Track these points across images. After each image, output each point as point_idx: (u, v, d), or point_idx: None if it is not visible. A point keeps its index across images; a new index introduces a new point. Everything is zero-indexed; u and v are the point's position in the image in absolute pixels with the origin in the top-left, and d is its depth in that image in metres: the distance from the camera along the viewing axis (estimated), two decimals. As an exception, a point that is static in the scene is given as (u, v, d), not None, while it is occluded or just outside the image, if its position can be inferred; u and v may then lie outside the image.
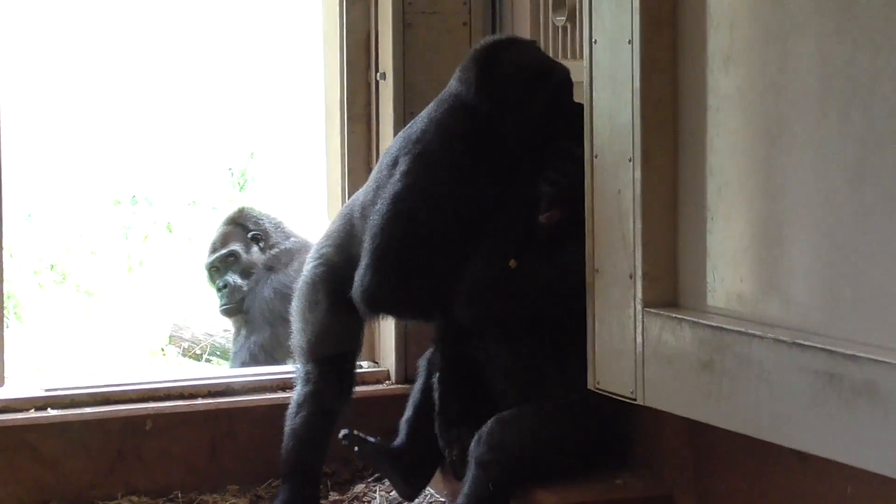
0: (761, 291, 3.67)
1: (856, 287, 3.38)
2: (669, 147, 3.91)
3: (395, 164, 4.37)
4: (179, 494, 4.64)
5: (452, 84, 4.41)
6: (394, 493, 4.62)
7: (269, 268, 6.24)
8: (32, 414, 4.58)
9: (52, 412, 4.61)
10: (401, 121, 4.85)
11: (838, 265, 3.43)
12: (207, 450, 4.68)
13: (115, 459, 4.60)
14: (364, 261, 4.28)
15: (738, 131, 3.74)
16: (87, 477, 4.53)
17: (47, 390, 4.72)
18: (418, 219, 4.26)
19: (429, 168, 4.29)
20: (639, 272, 3.90)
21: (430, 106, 4.44)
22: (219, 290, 6.29)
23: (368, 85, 5.15)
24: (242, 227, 6.34)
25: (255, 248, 6.28)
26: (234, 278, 6.25)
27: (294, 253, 6.20)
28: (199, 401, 4.79)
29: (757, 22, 3.67)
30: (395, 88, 4.96)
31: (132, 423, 4.63)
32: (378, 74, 5.08)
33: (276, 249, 6.29)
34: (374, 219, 4.29)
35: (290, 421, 4.51)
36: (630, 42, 3.92)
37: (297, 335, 4.62)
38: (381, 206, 4.30)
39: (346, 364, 4.57)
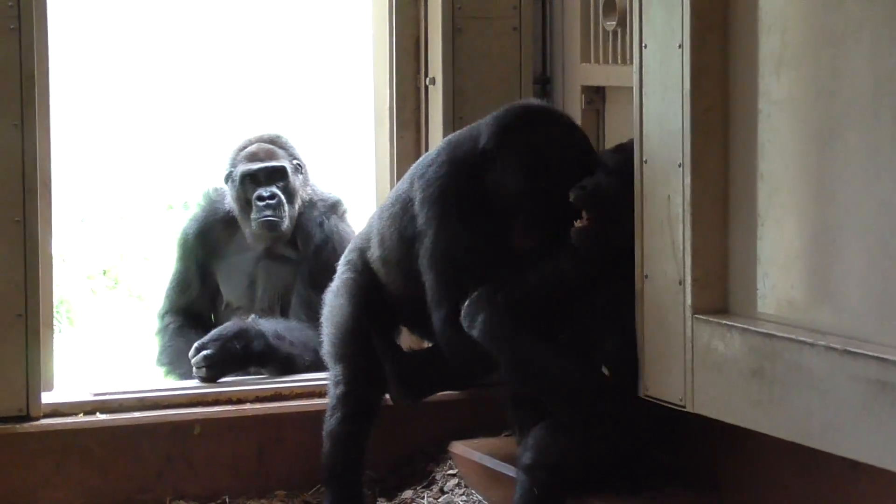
0: (813, 298, 3.67)
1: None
2: (720, 152, 3.91)
3: (411, 181, 4.47)
4: (227, 499, 4.65)
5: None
6: (442, 497, 4.62)
7: (314, 205, 5.55)
8: (81, 418, 4.59)
9: (100, 416, 4.63)
10: (450, 126, 4.87)
11: (891, 271, 3.42)
12: (255, 455, 4.68)
13: (163, 464, 4.61)
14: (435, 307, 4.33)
15: (790, 136, 3.73)
16: (135, 481, 4.55)
17: (96, 395, 4.74)
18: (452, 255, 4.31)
19: (438, 198, 4.35)
20: (688, 278, 3.90)
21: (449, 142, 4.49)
22: (260, 199, 5.38)
23: (418, 90, 5.15)
24: (286, 150, 5.59)
25: (299, 177, 5.55)
26: (281, 196, 5.44)
27: (333, 206, 5.58)
28: (248, 406, 4.81)
29: (809, 26, 3.66)
30: (445, 94, 4.97)
31: (181, 428, 4.64)
32: (427, 79, 5.08)
33: (313, 191, 5.60)
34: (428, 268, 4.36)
35: (326, 425, 4.53)
36: (680, 47, 3.92)
37: (326, 339, 4.63)
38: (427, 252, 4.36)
39: (376, 365, 4.57)
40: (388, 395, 4.62)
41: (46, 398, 4.58)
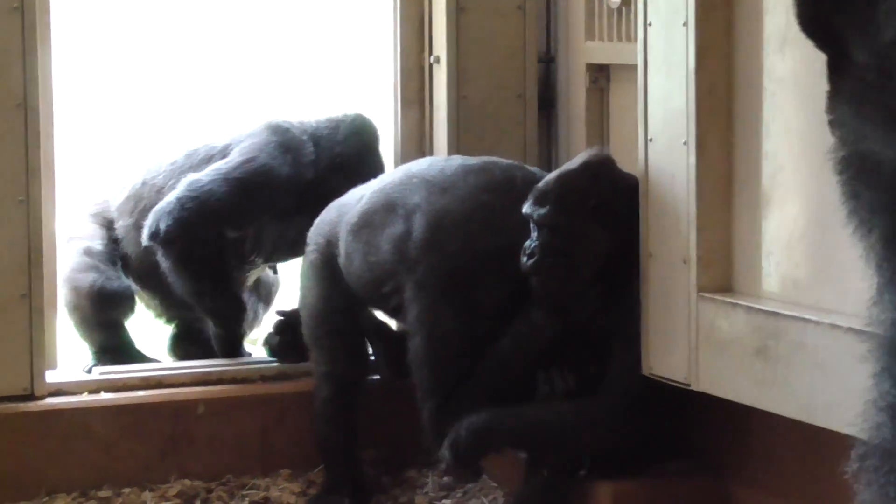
0: (817, 277, 3.67)
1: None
2: (724, 131, 3.91)
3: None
4: (231, 478, 4.67)
5: None
6: (445, 478, 4.65)
7: None
8: (86, 397, 4.62)
9: (104, 395, 4.65)
10: (454, 105, 4.87)
11: None
12: (259, 434, 4.70)
13: (167, 443, 4.62)
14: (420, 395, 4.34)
15: (794, 115, 3.72)
16: (140, 460, 4.57)
17: (101, 373, 4.76)
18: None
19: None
20: (693, 257, 3.90)
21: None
22: None
23: (422, 69, 5.15)
24: None
25: None
26: None
27: None
28: (252, 385, 4.82)
29: None
30: (449, 73, 4.96)
31: (185, 407, 4.66)
32: (432, 58, 5.08)
33: None
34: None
35: (314, 406, 4.55)
36: (685, 24, 3.92)
37: (303, 323, 4.64)
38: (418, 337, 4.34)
39: (353, 342, 4.58)
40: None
41: (50, 377, 4.61)
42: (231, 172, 4.92)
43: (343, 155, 5.06)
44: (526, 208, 4.10)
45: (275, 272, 5.51)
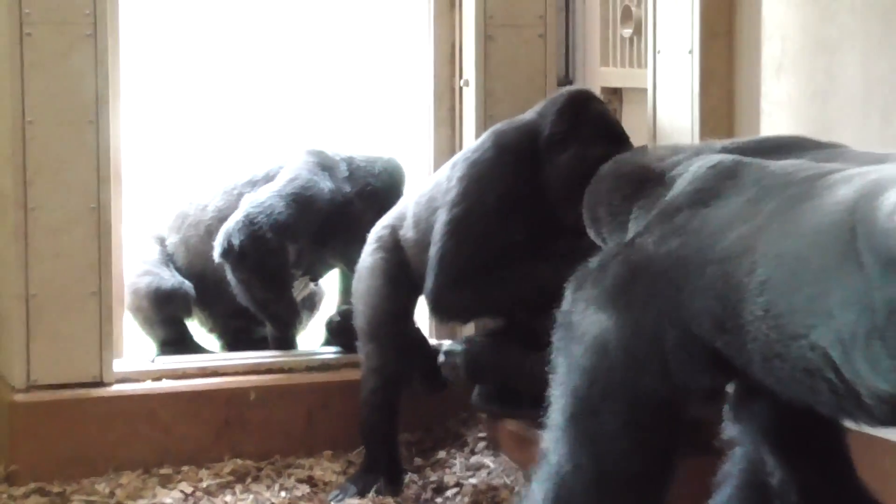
0: None
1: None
2: None
3: (453, 165, 4.34)
4: (279, 458, 4.65)
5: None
6: (473, 458, 4.64)
7: None
8: (149, 384, 4.61)
9: (166, 383, 4.65)
10: (482, 124, 4.85)
11: None
12: (305, 419, 4.69)
13: (221, 426, 4.62)
14: (429, 267, 4.22)
15: (789, 133, 3.73)
16: (197, 441, 4.56)
17: (162, 363, 4.77)
18: (474, 226, 4.17)
19: (481, 176, 4.20)
20: None
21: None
22: None
23: (453, 91, 5.14)
24: None
25: None
26: None
27: None
28: (298, 375, 4.82)
29: (807, 35, 3.67)
30: (477, 94, 4.94)
31: (237, 395, 4.65)
32: (462, 81, 5.07)
33: None
34: (436, 226, 4.25)
35: (362, 394, 4.53)
36: (690, 52, 3.96)
37: (360, 317, 4.59)
38: (441, 212, 4.25)
39: (405, 342, 4.57)
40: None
41: (117, 366, 4.60)
42: (283, 189, 5.00)
43: (375, 186, 5.16)
44: None
45: (316, 284, 5.54)
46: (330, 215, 5.08)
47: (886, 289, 2.20)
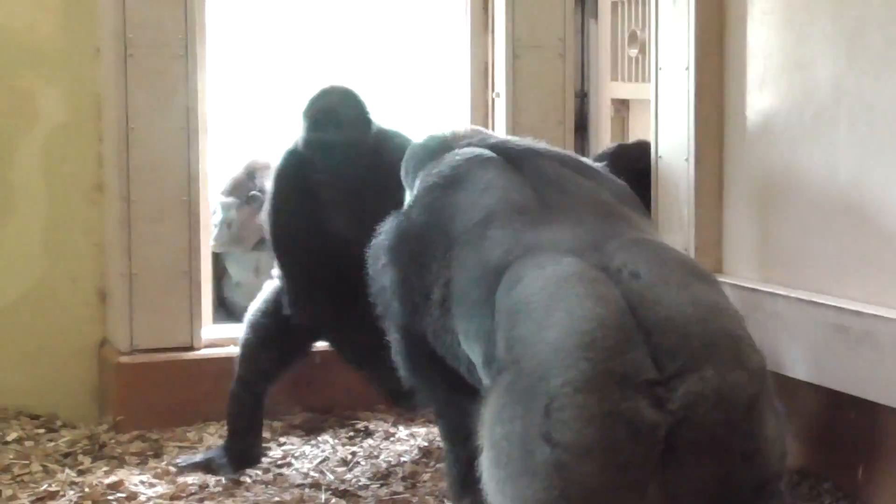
0: (788, 262, 3.67)
1: (861, 264, 3.40)
2: (717, 151, 3.90)
3: None
4: (340, 411, 4.65)
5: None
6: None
7: None
8: (231, 349, 4.49)
9: (245, 348, 4.67)
10: (510, 130, 4.81)
11: (843, 252, 3.44)
12: (362, 378, 4.60)
13: (292, 385, 4.55)
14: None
15: (770, 140, 3.72)
16: (271, 397, 4.34)
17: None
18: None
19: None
20: (692, 245, 3.92)
21: None
22: None
23: (486, 102, 5.14)
24: None
25: None
26: None
27: None
28: (357, 341, 4.82)
29: (785, 54, 3.65)
30: (507, 105, 4.95)
31: (307, 358, 4.49)
32: (494, 94, 5.08)
33: None
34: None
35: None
36: (687, 69, 3.92)
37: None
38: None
39: None
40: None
41: (205, 334, 4.61)
42: None
43: None
44: None
45: None
46: None
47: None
